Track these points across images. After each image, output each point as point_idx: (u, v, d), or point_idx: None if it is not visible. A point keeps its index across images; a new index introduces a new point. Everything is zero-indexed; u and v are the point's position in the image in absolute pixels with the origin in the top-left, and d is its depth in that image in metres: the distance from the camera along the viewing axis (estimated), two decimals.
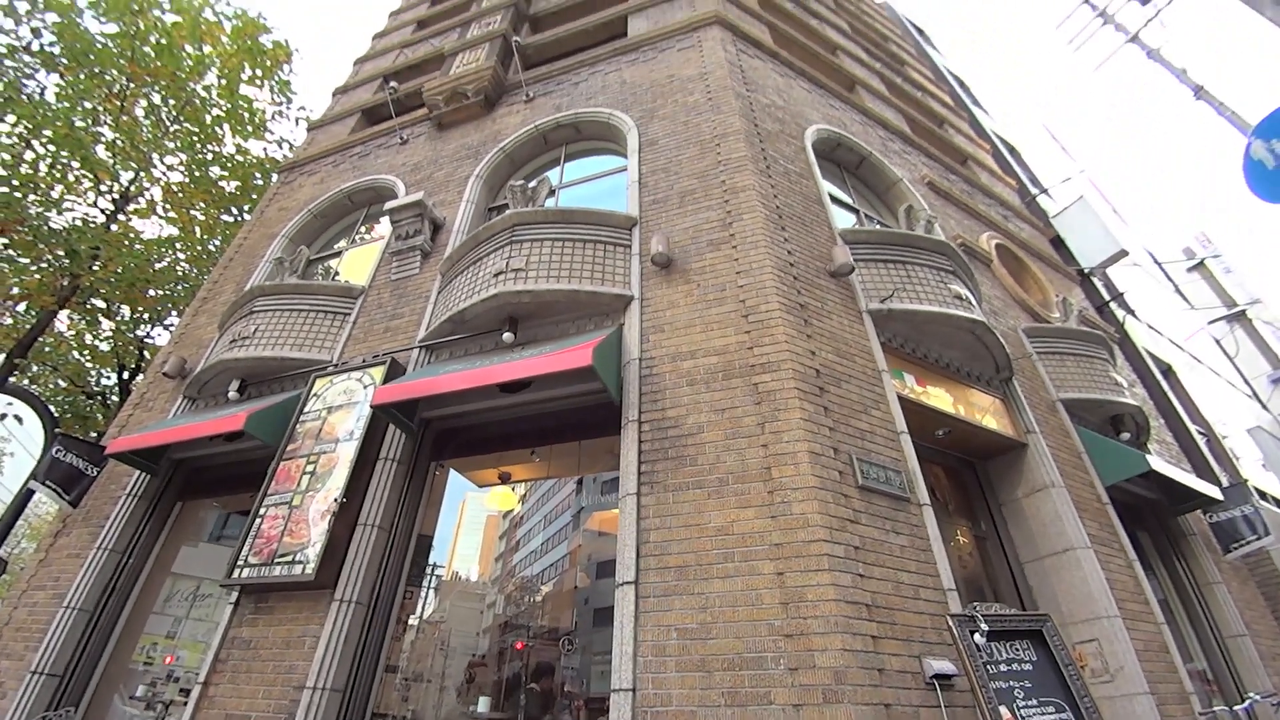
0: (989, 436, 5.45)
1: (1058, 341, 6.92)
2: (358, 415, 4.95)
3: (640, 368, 4.43)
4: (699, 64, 6.97)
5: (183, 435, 5.23)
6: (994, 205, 9.90)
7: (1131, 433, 6.76)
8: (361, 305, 6.32)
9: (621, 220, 5.44)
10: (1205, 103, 9.38)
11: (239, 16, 13.93)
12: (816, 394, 4.04)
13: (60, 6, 11.44)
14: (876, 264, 5.52)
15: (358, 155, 8.95)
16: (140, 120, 12.69)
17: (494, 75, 8.23)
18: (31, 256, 10.61)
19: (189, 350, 7.01)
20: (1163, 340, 11.53)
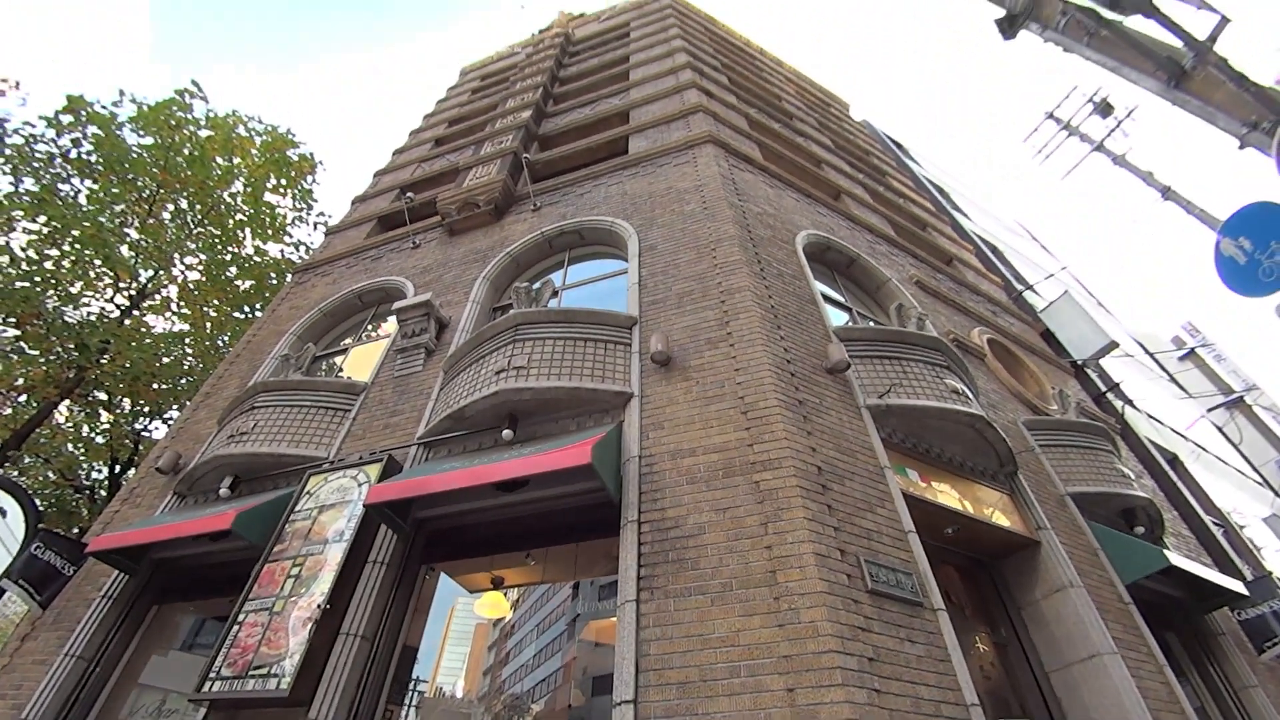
0: (999, 534, 5.29)
1: (1059, 434, 6.89)
2: (350, 514, 4.83)
3: (640, 465, 4.39)
4: (694, 177, 7.49)
5: (168, 534, 5.08)
6: (982, 302, 10.23)
7: (1146, 526, 6.56)
8: (363, 402, 6.36)
9: (622, 319, 5.61)
10: (1174, 203, 9.91)
11: (269, 133, 15.09)
12: (819, 492, 3.98)
13: (102, 120, 12.41)
14: (872, 360, 5.62)
15: (371, 258, 9.37)
16: (166, 223, 13.38)
17: (504, 187, 8.81)
18: (42, 349, 10.78)
19: (185, 445, 6.96)
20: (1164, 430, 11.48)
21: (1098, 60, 5.37)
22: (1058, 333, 10.81)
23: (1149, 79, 4.97)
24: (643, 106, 10.58)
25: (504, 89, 15.16)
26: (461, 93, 17.26)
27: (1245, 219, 4.48)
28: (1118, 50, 5.14)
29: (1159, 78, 4.88)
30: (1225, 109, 4.59)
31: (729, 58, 15.52)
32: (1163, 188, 10.06)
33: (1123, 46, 5.07)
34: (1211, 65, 4.50)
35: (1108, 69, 5.33)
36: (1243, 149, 4.55)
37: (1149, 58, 4.88)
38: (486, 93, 16.10)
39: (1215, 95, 4.63)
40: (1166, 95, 4.92)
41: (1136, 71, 5.07)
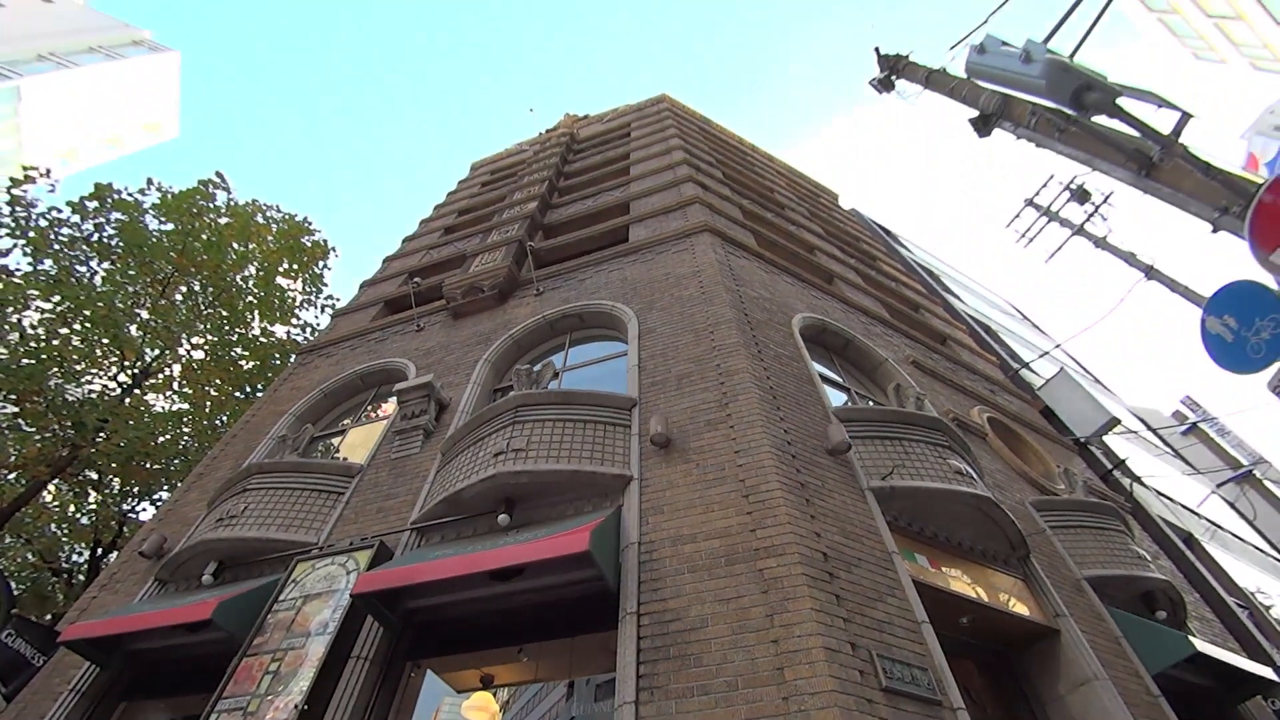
0: (1016, 623, 5.06)
1: (1069, 514, 6.72)
2: (335, 605, 4.63)
3: (639, 552, 4.26)
4: (692, 264, 7.77)
5: (145, 624, 4.88)
6: (979, 381, 10.29)
7: (1168, 611, 6.27)
8: (357, 484, 6.25)
9: (622, 401, 5.63)
10: (1158, 282, 10.11)
11: (286, 220, 15.75)
12: (826, 580, 3.84)
13: (126, 206, 12.99)
14: (873, 441, 5.58)
15: (376, 340, 9.53)
16: (177, 304, 13.69)
17: (509, 273, 9.12)
18: (39, 427, 10.70)
19: (172, 528, 6.77)
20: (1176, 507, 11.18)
21: (1069, 154, 5.69)
22: (1057, 410, 10.78)
23: (1120, 169, 5.23)
24: (642, 198, 11.14)
25: (512, 182, 16.00)
26: (472, 185, 18.21)
27: (1228, 297, 4.55)
28: (1088, 144, 5.46)
29: (1130, 168, 5.13)
30: (1195, 196, 4.78)
31: (723, 154, 16.51)
32: (1145, 268, 10.32)
33: (1092, 140, 5.38)
34: (1178, 157, 4.75)
35: (1080, 161, 5.64)
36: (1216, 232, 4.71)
37: (1119, 150, 5.16)
38: (495, 185, 16.99)
39: (1185, 183, 4.84)
40: (1138, 184, 5.16)
41: (1108, 163, 5.34)
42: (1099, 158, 5.45)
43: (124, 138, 41.24)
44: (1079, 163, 5.69)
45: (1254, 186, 3.97)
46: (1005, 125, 6.20)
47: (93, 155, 38.52)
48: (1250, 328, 4.35)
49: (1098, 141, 5.37)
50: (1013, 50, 4.95)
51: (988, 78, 5.42)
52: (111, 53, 39.05)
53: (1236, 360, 4.55)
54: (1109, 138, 5.26)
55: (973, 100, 6.23)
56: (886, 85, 7.51)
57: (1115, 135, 5.27)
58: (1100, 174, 5.42)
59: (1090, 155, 5.52)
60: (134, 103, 41.05)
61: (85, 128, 37.28)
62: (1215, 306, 4.68)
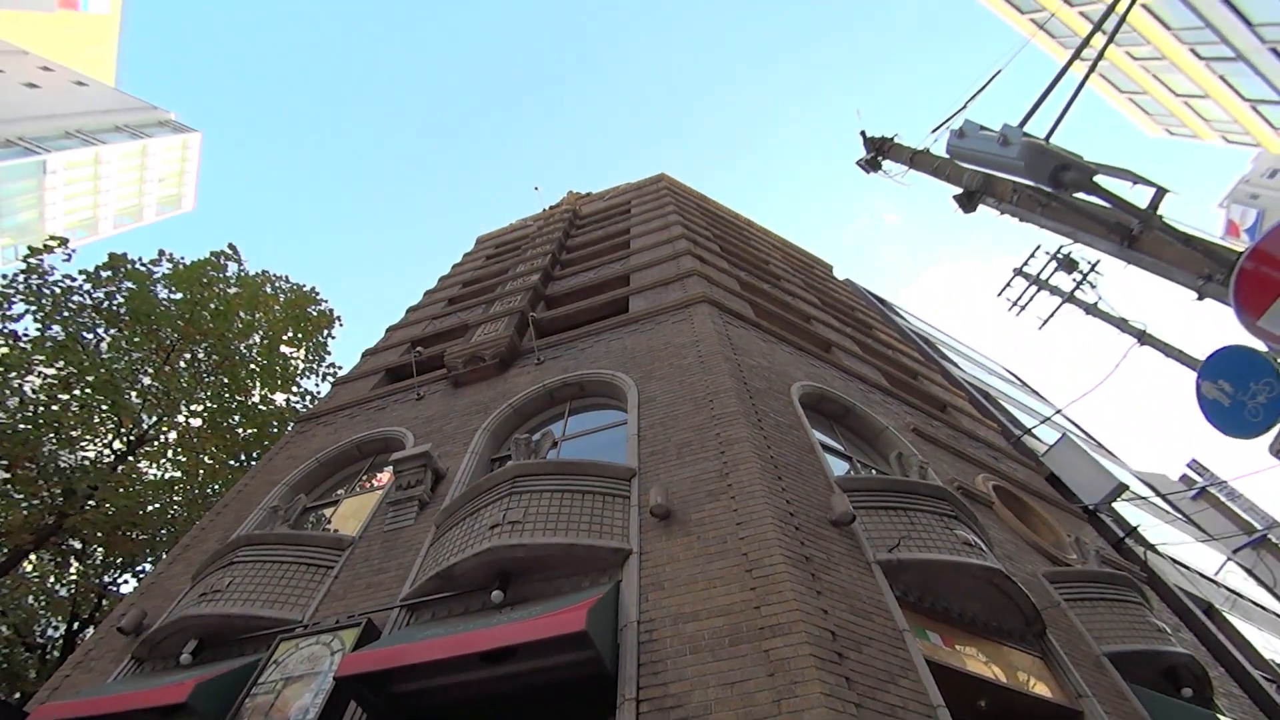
0: (1037, 705, 4.80)
1: (1084, 586, 6.51)
2: (317, 689, 4.40)
3: (639, 632, 4.08)
4: (691, 333, 7.89)
5: (118, 706, 4.63)
6: (981, 448, 10.20)
7: (1193, 687, 5.95)
8: (348, 558, 6.08)
9: (621, 471, 5.57)
10: (1151, 347, 10.18)
11: (294, 290, 16.07)
12: (835, 661, 3.66)
13: (138, 276, 13.28)
14: (877, 511, 5.47)
15: (375, 408, 9.52)
16: (179, 370, 13.74)
17: (510, 343, 9.25)
18: (28, 493, 10.50)
19: (154, 602, 6.52)
20: (1193, 576, 10.78)
21: (1052, 228, 5.89)
22: (1063, 476, 10.62)
23: (1103, 241, 5.39)
24: (642, 271, 11.44)
25: (515, 255, 16.48)
26: (476, 258, 18.74)
27: (1220, 362, 4.57)
28: (1070, 218, 5.66)
29: (1112, 239, 5.29)
30: (1179, 265, 4.88)
31: (720, 229, 17.11)
32: (1138, 333, 10.42)
33: (1074, 215, 5.59)
34: (1157, 229, 4.91)
35: (1063, 234, 5.83)
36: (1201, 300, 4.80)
37: (1100, 223, 5.34)
38: (499, 258, 17.49)
39: (1166, 253, 4.97)
40: (1121, 255, 5.31)
41: (1090, 235, 5.52)
42: (1081, 230, 5.64)
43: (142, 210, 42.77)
44: (1063, 235, 5.88)
45: (1234, 255, 4.07)
46: (989, 201, 6.45)
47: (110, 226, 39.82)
48: (1246, 392, 4.35)
49: (1079, 215, 5.58)
50: (991, 134, 5.22)
51: (968, 159, 5.70)
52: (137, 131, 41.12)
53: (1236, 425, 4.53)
54: (1090, 212, 5.46)
55: (956, 179, 6.51)
56: (873, 165, 7.87)
57: (1096, 209, 5.47)
58: (1085, 245, 5.59)
59: (1073, 228, 5.71)
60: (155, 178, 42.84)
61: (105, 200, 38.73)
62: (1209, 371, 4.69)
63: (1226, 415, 4.54)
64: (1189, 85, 20.44)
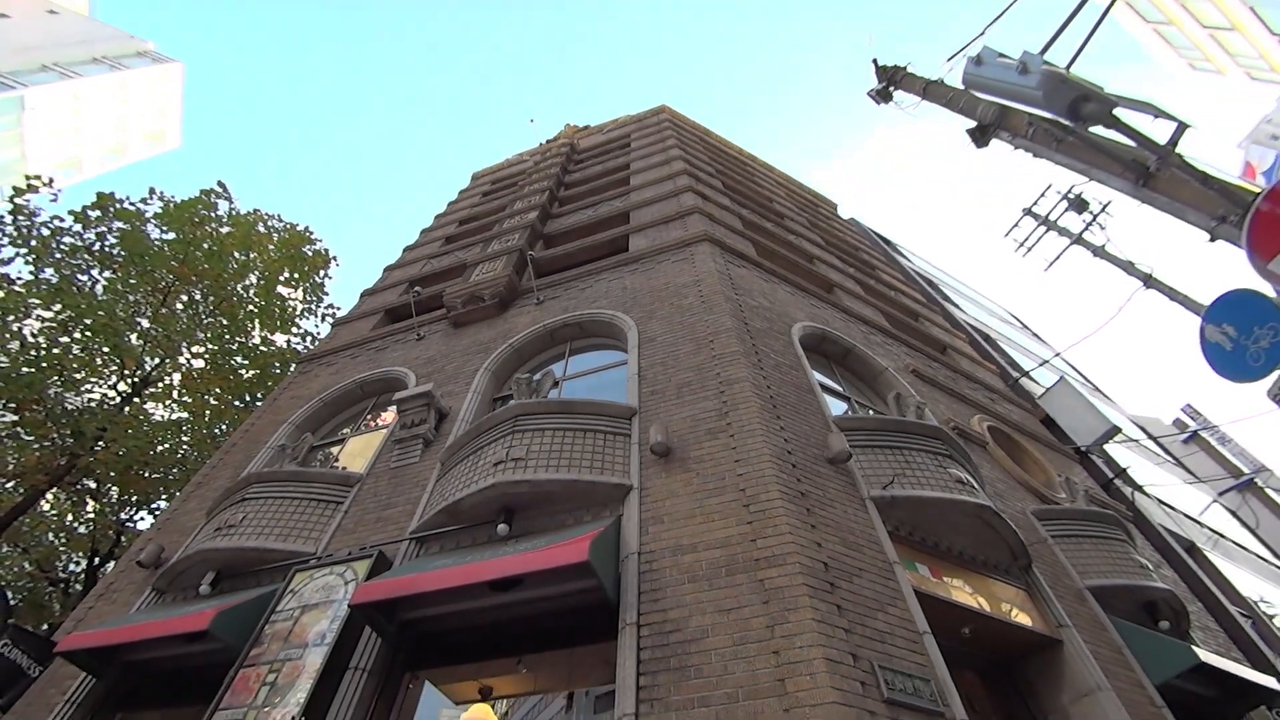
0: (1019, 633, 5.03)
1: (1071, 523, 6.70)
2: (333, 615, 4.60)
3: (639, 562, 4.24)
4: (692, 273, 7.79)
5: (142, 634, 4.84)
6: (979, 389, 10.28)
7: (1170, 621, 6.23)
8: (356, 494, 6.23)
9: (621, 410, 5.62)
10: (1156, 290, 10.12)
11: (288, 230, 15.80)
12: (827, 590, 3.82)
13: (128, 216, 13.02)
14: (873, 450, 5.57)
15: (375, 349, 9.53)
16: (178, 312, 13.71)
17: (509, 282, 9.15)
18: (38, 435, 10.69)
19: (170, 537, 6.74)
20: (1178, 516, 11.13)
21: (1067, 164, 5.72)
22: (1058, 419, 10.76)
23: (1118, 179, 5.25)
24: (642, 208, 11.19)
25: (512, 192, 16.08)
26: (472, 195, 18.29)
27: (1226, 306, 4.54)
28: (1085, 154, 5.49)
29: (1127, 178, 5.15)
30: (1193, 205, 4.78)
31: (722, 164, 16.60)
32: (1144, 276, 10.32)
33: (1090, 151, 5.41)
34: (1174, 166, 4.76)
35: (1077, 171, 5.67)
36: (1213, 241, 4.72)
37: (1116, 160, 5.19)
38: (496, 195, 17.07)
39: (1182, 193, 4.85)
40: (1135, 194, 5.18)
41: (1105, 173, 5.37)
42: (1096, 168, 5.48)
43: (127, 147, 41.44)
44: (1076, 172, 5.72)
45: (1251, 195, 3.98)
46: (1003, 136, 6.24)
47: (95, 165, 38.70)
48: (1249, 336, 4.35)
49: (1095, 152, 5.40)
50: (1009, 62, 4.98)
51: (985, 89, 5.45)
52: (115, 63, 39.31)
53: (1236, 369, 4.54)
54: (1106, 148, 5.28)
55: (970, 111, 6.26)
56: (884, 96, 7.57)
57: (1112, 146, 5.30)
58: (1098, 184, 5.44)
59: (1087, 165, 5.54)
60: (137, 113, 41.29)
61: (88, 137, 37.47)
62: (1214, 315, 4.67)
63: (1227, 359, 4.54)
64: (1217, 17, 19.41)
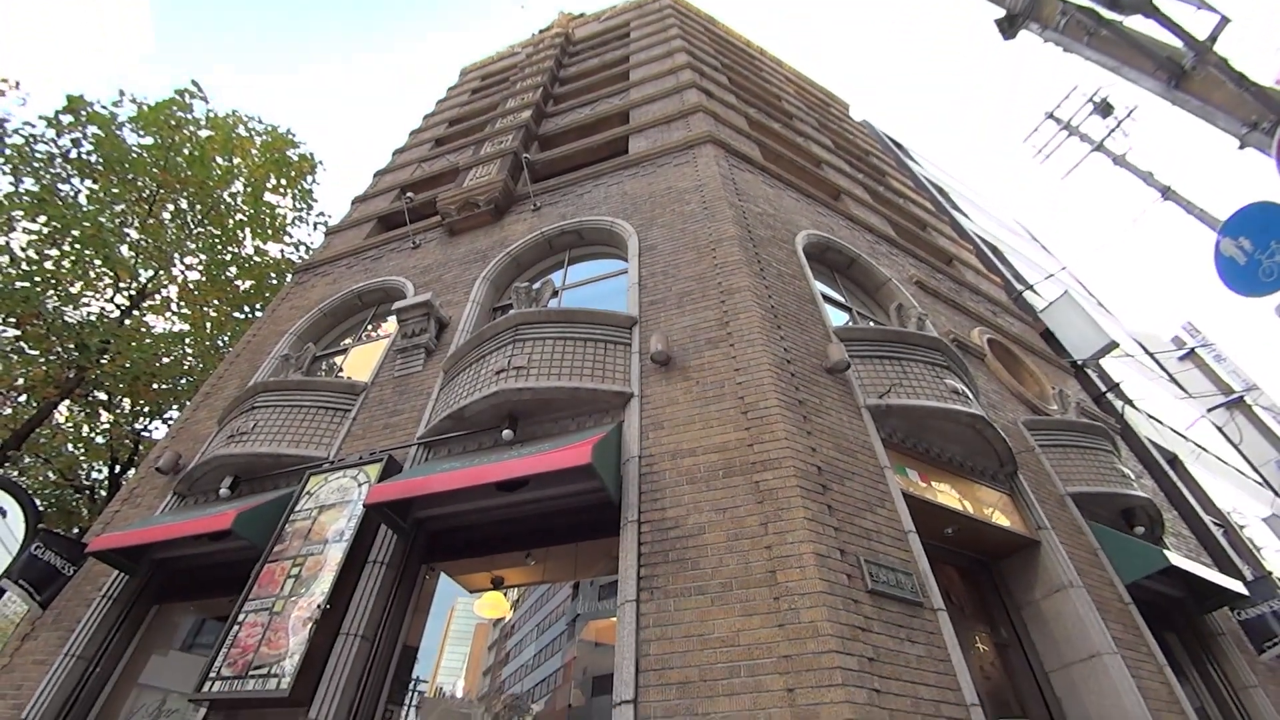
0: (999, 534, 5.29)
1: (1060, 434, 6.89)
2: (350, 514, 4.83)
3: (640, 465, 4.39)
4: (694, 177, 7.49)
5: (168, 534, 5.08)
6: (982, 302, 10.23)
7: (1146, 527, 6.56)
8: (363, 402, 6.36)
9: (622, 320, 5.61)
10: (1174, 203, 9.88)
11: (269, 133, 15.08)
12: (819, 492, 3.98)
13: (102, 120, 12.37)
14: (872, 360, 5.62)
15: (371, 258, 9.37)
16: (166, 223, 13.37)
17: (504, 187, 8.81)
18: (42, 349, 10.76)
19: (185, 445, 6.96)
20: (1165, 430, 11.47)
21: (1097, 60, 5.36)
22: (1057, 333, 10.80)
23: (1149, 79, 4.97)
24: (643, 106, 10.59)
25: (504, 89, 15.16)
26: (461, 93, 17.26)
27: (1245, 219, 4.47)
28: (1118, 50, 5.14)
29: (1159, 78, 4.87)
30: (1225, 109, 4.59)
31: (729, 58, 15.53)
32: (1162, 188, 10.04)
33: (1123, 46, 5.07)
34: (1211, 65, 4.49)
35: (1108, 69, 5.33)
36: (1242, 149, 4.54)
37: (1149, 57, 4.88)
38: (486, 93, 16.11)
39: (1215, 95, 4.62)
40: (1166, 95, 4.92)
41: (1136, 71, 5.06)
42: (1128, 65, 5.16)
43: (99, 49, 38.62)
44: (1107, 69, 5.39)
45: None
46: (1032, 27, 5.81)
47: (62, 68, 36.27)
48: (1265, 250, 4.30)
49: (1128, 48, 5.05)
50: None
51: None
52: None
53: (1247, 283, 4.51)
54: (1140, 43, 4.94)
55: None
56: None
57: (1146, 41, 4.95)
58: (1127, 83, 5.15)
59: (1119, 63, 5.21)
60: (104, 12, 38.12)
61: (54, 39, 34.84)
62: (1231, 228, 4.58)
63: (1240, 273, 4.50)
64: None
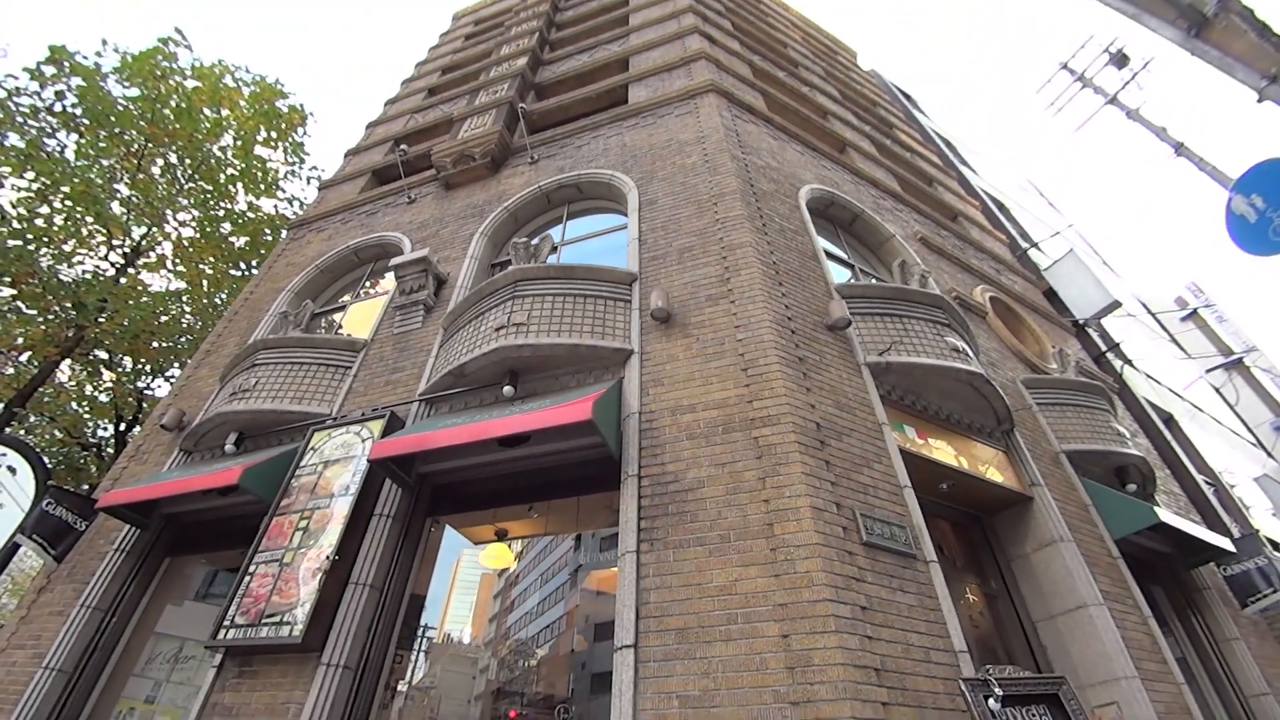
0: (993, 490, 5.38)
1: (1057, 392, 6.92)
2: (354, 470, 4.90)
3: (640, 421, 4.42)
4: (696, 129, 7.28)
5: (176, 489, 5.16)
6: (986, 260, 10.12)
7: (1138, 484, 6.67)
8: (363, 359, 6.36)
9: (622, 276, 5.55)
10: (1186, 159, 9.68)
11: (257, 83, 14.61)
12: (818, 448, 4.02)
13: (85, 71, 11.97)
14: (873, 318, 5.59)
15: (366, 213, 9.21)
16: (156, 178, 13.10)
17: (500, 139, 8.57)
18: (39, 308, 10.72)
19: (188, 403, 7.00)
20: (1162, 389, 11.53)
21: (1117, 6, 5.16)
22: (1061, 291, 10.73)
23: (1169, 27, 4.80)
24: (643, 53, 10.20)
25: (498, 34, 14.59)
26: (454, 38, 16.61)
27: (1259, 176, 4.41)
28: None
29: (1179, 26, 4.71)
30: (1245, 60, 4.46)
31: (733, 1, 14.89)
32: (1176, 144, 9.82)
33: None
34: (1234, 13, 4.34)
35: (1128, 15, 5.13)
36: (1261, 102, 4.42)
37: (1170, 4, 4.70)
38: (480, 39, 15.51)
39: (1235, 46, 4.48)
40: (1186, 45, 4.76)
41: (1157, 19, 4.89)
42: (1148, 12, 4.97)
43: None
44: (1126, 16, 5.19)
45: None
46: None
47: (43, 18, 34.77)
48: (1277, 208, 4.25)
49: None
50: None
51: None
52: None
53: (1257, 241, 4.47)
54: None
55: None
56: None
57: None
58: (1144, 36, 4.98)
59: (1139, 9, 5.03)
60: None
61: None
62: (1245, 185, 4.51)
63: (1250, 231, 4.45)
64: None
